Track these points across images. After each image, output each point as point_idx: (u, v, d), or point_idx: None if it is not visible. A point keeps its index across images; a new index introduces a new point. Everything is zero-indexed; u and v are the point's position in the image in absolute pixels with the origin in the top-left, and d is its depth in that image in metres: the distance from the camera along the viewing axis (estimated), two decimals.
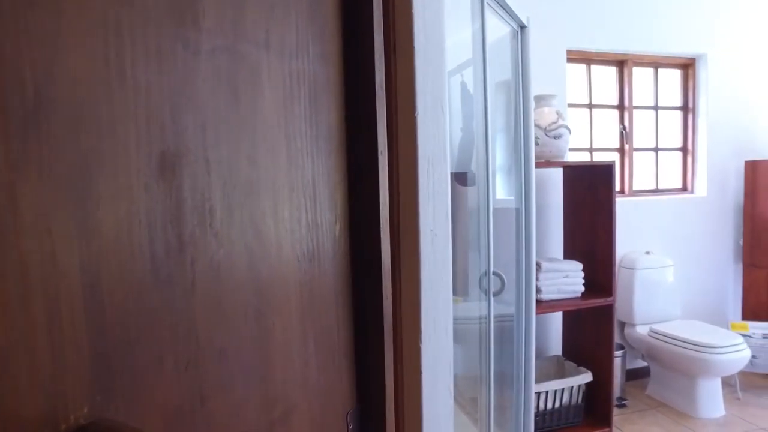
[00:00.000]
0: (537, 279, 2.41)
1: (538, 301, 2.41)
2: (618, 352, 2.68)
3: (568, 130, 2.46)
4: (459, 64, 2.20)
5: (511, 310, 2.05)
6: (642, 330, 2.86)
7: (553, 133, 2.39)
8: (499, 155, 2.58)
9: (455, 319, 1.07)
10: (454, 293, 1.02)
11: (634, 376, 3.08)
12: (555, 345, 2.87)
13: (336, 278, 0.69)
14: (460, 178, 2.15)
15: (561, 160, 2.50)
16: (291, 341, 0.59)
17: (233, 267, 0.50)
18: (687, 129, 3.29)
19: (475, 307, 1.92)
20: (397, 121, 0.92)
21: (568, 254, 2.78)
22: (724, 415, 2.65)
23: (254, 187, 0.54)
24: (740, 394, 2.85)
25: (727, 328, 3.02)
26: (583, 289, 2.47)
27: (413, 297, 0.90)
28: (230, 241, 0.50)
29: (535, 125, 2.42)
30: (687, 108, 3.28)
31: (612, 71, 3.16)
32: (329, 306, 0.67)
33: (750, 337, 2.93)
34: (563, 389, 2.47)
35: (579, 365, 2.61)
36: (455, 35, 2.02)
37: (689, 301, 3.21)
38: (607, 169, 2.50)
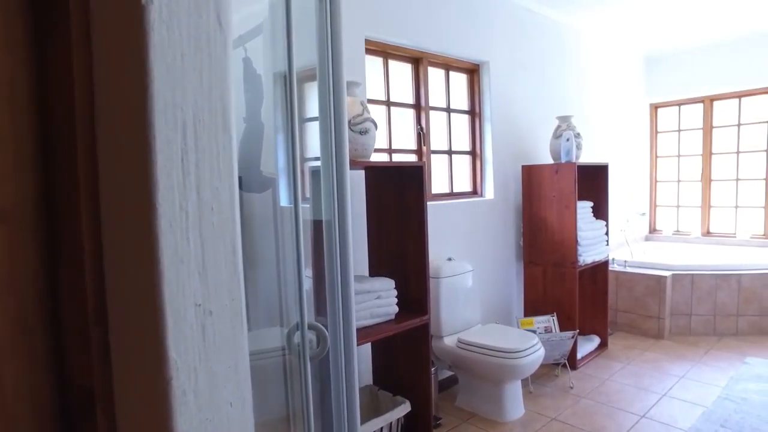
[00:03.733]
0: None
1: None
2: (431, 370, 2.47)
3: (375, 125, 2.12)
4: (240, 34, 1.64)
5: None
6: (449, 341, 2.72)
7: (359, 127, 2.01)
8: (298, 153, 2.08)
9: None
10: None
11: (443, 387, 2.95)
12: (365, 374, 2.52)
13: None
14: (245, 182, 1.59)
15: (367, 159, 2.14)
16: None
17: None
18: (475, 133, 3.35)
19: (273, 336, 1.40)
20: (88, 20, 0.33)
21: (375, 269, 2.46)
22: (524, 413, 2.68)
23: None
24: (531, 388, 2.96)
25: (517, 326, 3.15)
26: (397, 309, 2.16)
27: None
28: None
29: None
30: (474, 112, 3.34)
31: (408, 69, 2.99)
32: None
33: (535, 332, 3.09)
34: (382, 428, 2.11)
35: (395, 394, 2.30)
36: None
37: (485, 304, 3.27)
38: (416, 171, 2.24)
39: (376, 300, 2.09)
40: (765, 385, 2.91)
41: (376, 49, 2.74)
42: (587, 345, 3.44)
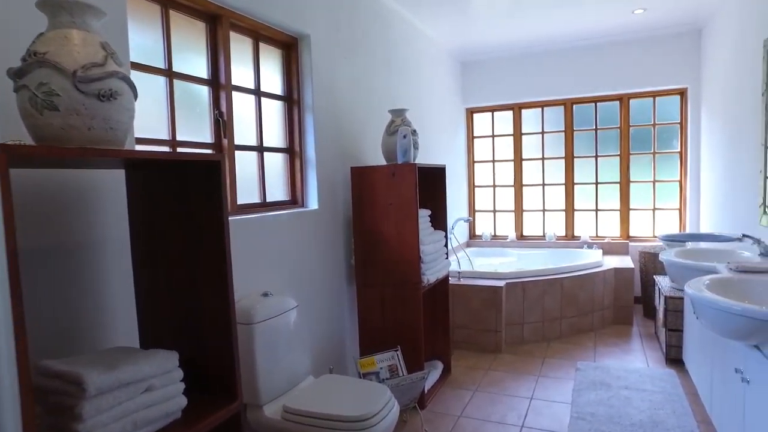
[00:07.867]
0: (79, 419, 1.05)
1: None
2: None
3: (132, 88, 1.22)
4: None
5: None
6: (271, 411, 1.92)
7: (97, 86, 1.10)
8: None
9: None
10: None
11: None
12: None
13: None
14: None
15: (119, 146, 1.22)
16: None
17: None
18: (294, 125, 2.62)
19: None
20: None
21: (151, 336, 1.52)
22: None
23: None
24: None
25: (356, 369, 2.50)
26: (185, 401, 1.28)
27: None
28: None
29: (51, 64, 1.06)
30: (292, 99, 2.61)
31: (202, 30, 2.11)
32: None
33: (378, 373, 2.50)
34: None
35: None
36: None
37: (316, 346, 2.55)
38: (211, 170, 1.41)
39: (145, 395, 1.19)
40: (601, 393, 2.84)
41: None
42: (432, 373, 2.99)
